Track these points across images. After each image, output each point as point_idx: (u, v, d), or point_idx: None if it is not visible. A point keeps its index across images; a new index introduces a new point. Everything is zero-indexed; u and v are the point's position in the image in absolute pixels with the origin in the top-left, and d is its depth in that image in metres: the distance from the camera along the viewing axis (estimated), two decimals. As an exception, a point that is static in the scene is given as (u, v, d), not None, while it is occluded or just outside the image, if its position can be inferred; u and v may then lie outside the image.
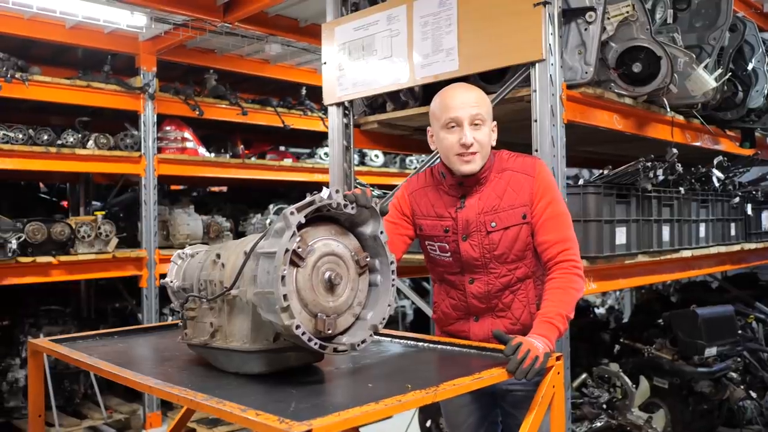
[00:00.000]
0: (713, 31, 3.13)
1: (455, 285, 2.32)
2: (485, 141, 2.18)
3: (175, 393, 1.62)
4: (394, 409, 1.49)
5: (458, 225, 2.25)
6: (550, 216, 2.19)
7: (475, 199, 2.24)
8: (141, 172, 5.03)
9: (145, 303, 5.05)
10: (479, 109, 2.17)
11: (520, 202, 2.20)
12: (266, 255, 1.74)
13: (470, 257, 2.24)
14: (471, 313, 2.31)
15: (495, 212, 2.21)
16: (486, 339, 2.26)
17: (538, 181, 2.20)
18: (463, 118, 2.15)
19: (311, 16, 4.78)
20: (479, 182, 2.23)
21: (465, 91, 2.23)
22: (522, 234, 2.20)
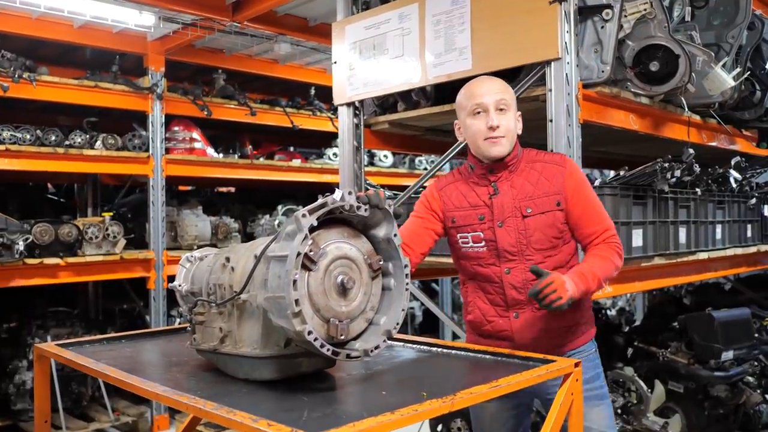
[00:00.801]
0: (731, 29, 3.06)
1: (490, 278, 2.31)
2: (511, 126, 2.24)
3: (183, 401, 1.58)
4: (410, 419, 1.44)
5: (493, 211, 2.27)
6: (589, 207, 2.26)
7: (507, 186, 2.28)
8: (149, 172, 5.01)
9: (153, 305, 5.02)
10: (503, 95, 2.25)
11: (553, 189, 2.25)
12: (277, 258, 1.69)
13: (506, 243, 2.26)
14: (510, 306, 2.29)
15: (530, 198, 2.25)
16: (531, 336, 2.27)
17: (569, 170, 2.27)
18: (488, 103, 2.22)
19: (321, 15, 4.74)
20: (508, 168, 2.28)
21: (489, 80, 2.34)
22: (556, 220, 2.25)
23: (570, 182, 2.25)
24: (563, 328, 2.30)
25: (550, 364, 1.89)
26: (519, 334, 2.29)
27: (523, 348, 2.22)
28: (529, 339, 2.28)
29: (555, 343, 2.29)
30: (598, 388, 2.35)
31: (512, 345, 2.28)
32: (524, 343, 2.27)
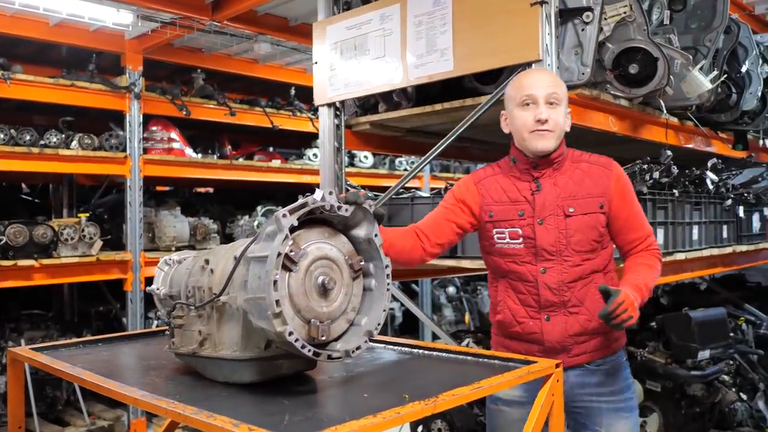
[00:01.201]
0: (709, 33, 3.10)
1: (525, 277, 2.24)
2: (560, 121, 2.19)
3: (162, 406, 1.55)
4: (393, 422, 1.43)
5: (535, 208, 2.22)
6: (633, 213, 2.25)
7: (550, 183, 2.22)
8: (126, 173, 4.94)
9: (130, 307, 4.95)
10: (555, 89, 2.19)
11: (597, 192, 2.21)
12: (257, 259, 1.68)
13: (545, 242, 2.20)
14: (542, 308, 2.23)
15: (573, 198, 2.20)
16: (561, 341, 2.22)
17: (615, 174, 2.23)
18: (538, 95, 2.16)
19: (301, 15, 4.72)
20: (553, 165, 2.23)
21: (541, 73, 2.31)
22: (598, 223, 2.20)
23: (616, 186, 2.22)
24: (594, 336, 2.25)
25: (531, 365, 1.89)
26: (549, 336, 2.23)
27: (552, 352, 2.21)
28: (559, 343, 2.23)
29: (584, 349, 2.25)
30: (627, 400, 2.31)
31: (542, 348, 2.25)
32: (554, 347, 2.23)
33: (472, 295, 8.32)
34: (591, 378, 2.27)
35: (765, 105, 3.89)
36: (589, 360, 2.26)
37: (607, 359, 2.29)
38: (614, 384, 2.29)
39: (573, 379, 2.26)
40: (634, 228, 2.24)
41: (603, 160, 2.28)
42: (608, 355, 2.29)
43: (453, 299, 8.16)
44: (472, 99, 2.90)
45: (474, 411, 3.39)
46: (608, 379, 2.28)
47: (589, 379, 2.27)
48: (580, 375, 2.27)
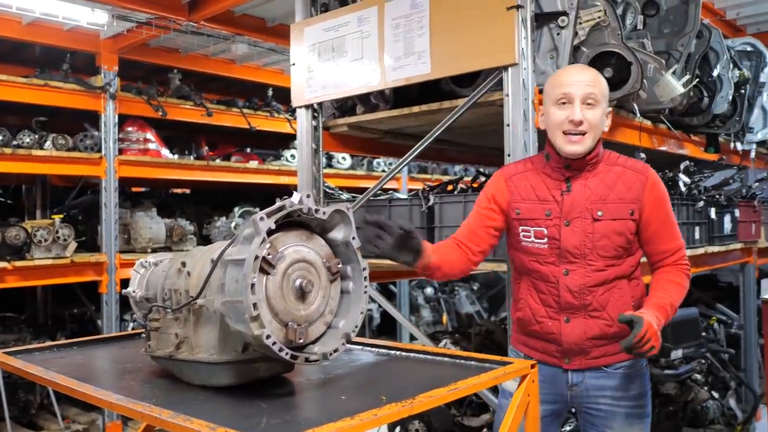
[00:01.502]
0: (681, 38, 3.15)
1: (546, 277, 2.21)
2: (596, 122, 2.12)
3: (138, 410, 1.54)
4: (370, 424, 1.43)
5: (562, 209, 2.17)
6: (666, 223, 2.19)
7: (581, 185, 2.17)
8: (101, 174, 4.89)
9: (105, 309, 4.90)
10: (594, 88, 2.13)
11: (630, 198, 2.15)
12: (234, 262, 1.68)
13: (570, 245, 2.16)
14: (562, 309, 2.20)
15: (603, 202, 2.15)
16: (579, 343, 2.20)
17: (651, 181, 2.17)
18: (575, 94, 2.11)
19: (279, 15, 4.71)
20: (587, 167, 2.18)
21: (581, 70, 2.22)
22: (626, 230, 2.15)
23: (650, 194, 2.16)
24: (614, 339, 2.19)
25: (507, 365, 1.91)
26: (567, 338, 2.20)
27: (569, 354, 2.22)
28: (577, 345, 2.21)
29: (603, 352, 2.22)
30: (643, 407, 2.29)
31: (560, 349, 2.23)
32: (571, 348, 2.21)
33: (450, 295, 8.36)
34: (609, 381, 2.24)
35: (736, 109, 3.98)
36: (608, 363, 2.23)
37: (627, 363, 2.25)
38: (632, 389, 2.26)
39: (590, 381, 2.24)
40: (665, 239, 2.19)
41: (639, 165, 2.23)
42: (626, 360, 2.24)
43: (431, 300, 8.19)
44: (449, 101, 2.92)
45: (451, 411, 3.42)
46: (626, 384, 2.25)
47: (607, 382, 2.24)
48: (597, 377, 2.24)
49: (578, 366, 2.23)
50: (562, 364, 2.25)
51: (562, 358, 2.24)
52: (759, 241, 5.05)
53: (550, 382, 2.25)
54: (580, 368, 2.23)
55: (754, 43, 4.40)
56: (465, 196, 3.08)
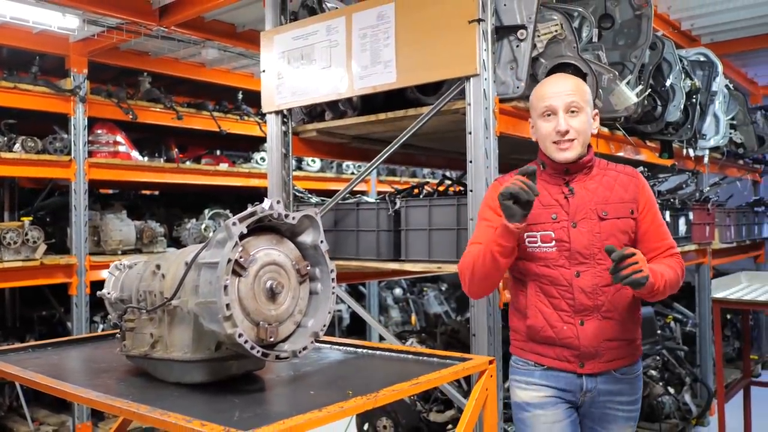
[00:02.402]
0: (635, 50, 3.31)
1: (558, 281, 2.21)
2: (582, 128, 2.20)
3: (116, 405, 1.62)
4: (336, 416, 1.54)
5: (569, 211, 2.22)
6: (656, 223, 2.27)
7: (581, 187, 2.24)
8: (71, 176, 4.89)
9: (75, 311, 4.90)
10: (575, 96, 2.19)
11: (628, 197, 2.25)
12: (208, 265, 1.77)
13: (580, 245, 2.19)
14: (576, 312, 2.20)
15: (606, 203, 2.23)
16: (595, 345, 2.20)
17: (642, 184, 2.29)
18: (557, 106, 2.19)
19: (249, 21, 4.78)
20: (584, 170, 2.26)
21: (561, 81, 2.28)
22: (629, 228, 2.23)
23: (642, 195, 2.26)
24: (625, 342, 2.26)
25: (467, 362, 2.02)
26: (585, 341, 2.20)
27: (585, 357, 2.21)
28: (594, 348, 2.21)
29: (615, 355, 2.24)
30: (637, 410, 2.34)
31: (576, 353, 2.22)
32: (588, 351, 2.21)
33: (419, 296, 8.49)
34: (615, 386, 2.27)
35: (687, 117, 4.17)
36: (617, 367, 2.25)
37: (630, 368, 2.30)
38: (633, 394, 2.31)
39: (600, 386, 2.26)
40: (656, 236, 2.26)
41: (629, 169, 2.33)
42: (632, 364, 2.30)
43: (400, 300, 8.30)
44: (414, 109, 3.03)
45: (417, 408, 3.53)
46: (628, 388, 2.29)
47: (613, 387, 2.27)
48: (606, 382, 2.26)
49: (591, 370, 2.23)
50: (576, 369, 2.24)
51: (577, 362, 2.23)
52: (713, 243, 5.27)
53: (563, 388, 2.27)
54: (593, 372, 2.24)
55: (707, 54, 4.61)
56: (430, 200, 3.20)
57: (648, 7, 3.32)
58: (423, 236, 3.15)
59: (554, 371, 2.27)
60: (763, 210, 6.68)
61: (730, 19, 5.21)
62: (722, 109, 4.81)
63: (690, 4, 4.81)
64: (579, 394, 2.27)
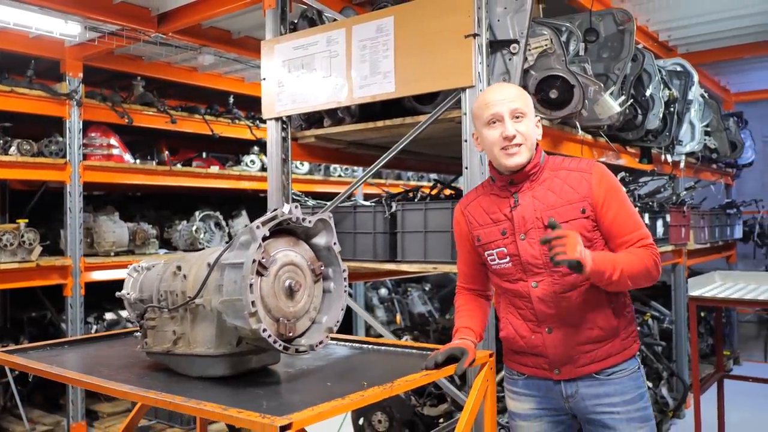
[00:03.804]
0: (618, 62, 3.50)
1: (519, 294, 2.22)
2: (528, 133, 2.17)
3: (151, 396, 1.75)
4: (359, 403, 1.68)
5: (515, 224, 2.20)
6: (621, 214, 2.15)
7: (528, 196, 2.20)
8: (66, 179, 4.96)
9: (70, 312, 4.97)
10: (517, 103, 2.17)
11: (578, 197, 2.16)
12: (232, 266, 1.90)
13: (530, 256, 2.17)
14: (541, 321, 2.19)
15: (553, 208, 2.16)
16: (565, 352, 2.18)
17: (596, 177, 2.16)
18: (503, 112, 2.15)
19: (244, 28, 4.89)
20: (530, 178, 2.20)
21: (502, 88, 2.25)
22: (582, 228, 2.14)
23: (598, 189, 2.15)
24: (597, 341, 2.18)
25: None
26: (552, 350, 2.19)
27: (558, 364, 2.19)
28: (564, 355, 2.19)
29: (591, 358, 2.19)
30: (641, 409, 2.21)
31: (547, 360, 2.21)
32: (559, 358, 2.19)
33: (403, 296, 8.64)
34: (603, 388, 2.20)
35: (666, 124, 4.38)
36: (598, 369, 2.19)
37: (618, 368, 2.21)
38: (626, 393, 2.20)
39: (584, 390, 2.21)
40: (623, 228, 2.15)
41: (583, 164, 2.23)
42: (618, 364, 2.21)
43: (385, 300, 8.45)
44: (411, 117, 3.18)
45: (412, 402, 3.68)
46: (620, 389, 2.20)
47: (601, 390, 2.20)
48: (590, 386, 2.21)
49: (568, 376, 2.20)
50: (552, 376, 2.22)
51: (551, 369, 2.22)
52: (688, 244, 5.49)
53: (544, 396, 2.27)
54: (571, 378, 2.21)
55: (683, 64, 4.83)
56: (425, 204, 3.35)
57: (630, 22, 3.51)
58: (419, 238, 3.31)
59: (534, 379, 2.27)
60: (735, 212, 6.94)
61: (704, 31, 5.45)
62: (697, 116, 5.04)
63: (667, 17, 5.03)
64: (561, 401, 2.24)
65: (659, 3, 4.68)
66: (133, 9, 4.32)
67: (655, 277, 2.15)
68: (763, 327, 7.96)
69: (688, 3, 4.71)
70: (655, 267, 2.13)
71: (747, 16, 5.11)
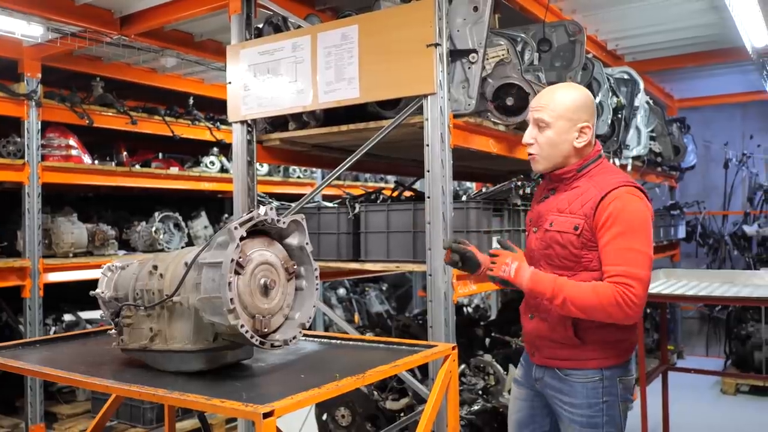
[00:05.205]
0: (570, 71, 3.69)
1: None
2: (544, 144, 2.31)
3: (134, 389, 1.83)
4: (334, 392, 1.79)
5: (534, 216, 2.46)
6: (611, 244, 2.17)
7: (555, 197, 2.38)
8: (24, 179, 4.91)
9: (29, 314, 4.92)
10: (541, 113, 2.30)
11: (580, 213, 2.24)
12: (211, 265, 1.99)
13: (531, 249, 2.43)
14: (529, 307, 2.47)
15: (559, 213, 2.31)
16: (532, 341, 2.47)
17: (607, 201, 2.19)
18: (529, 120, 2.38)
19: (206, 31, 4.93)
20: (563, 182, 2.36)
21: (541, 95, 2.39)
22: (570, 244, 2.25)
23: (601, 212, 2.19)
24: (559, 345, 2.36)
25: (433, 348, 2.32)
26: (528, 335, 2.48)
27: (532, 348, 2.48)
28: (532, 343, 2.47)
29: (552, 354, 2.40)
30: (586, 417, 2.32)
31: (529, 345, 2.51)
32: (534, 344, 2.46)
33: (361, 296, 8.77)
34: (562, 385, 2.38)
35: (614, 130, 4.61)
36: (560, 366, 2.38)
37: (576, 372, 2.34)
38: (576, 397, 2.33)
39: (547, 379, 2.43)
40: (607, 258, 2.18)
41: (606, 183, 2.24)
42: (579, 369, 2.33)
43: (343, 300, 8.56)
44: (375, 122, 3.30)
45: (375, 397, 3.80)
46: (572, 391, 2.34)
47: (560, 386, 2.38)
48: (553, 378, 2.41)
49: (538, 361, 2.46)
50: (531, 356, 2.52)
51: (530, 350, 2.52)
52: (635, 243, 5.74)
53: (526, 369, 2.56)
54: (540, 364, 2.46)
55: (630, 72, 5.08)
56: (388, 205, 3.48)
57: (581, 33, 3.71)
58: (382, 238, 3.44)
59: (525, 354, 2.59)
60: (678, 213, 7.28)
61: (650, 41, 5.74)
62: (643, 122, 5.31)
63: (615, 27, 5.29)
64: (533, 381, 2.50)
65: (608, 14, 4.92)
66: (96, 11, 4.32)
67: (614, 315, 2.13)
68: (704, 323, 8.36)
69: (634, 14, 4.95)
70: (615, 306, 2.10)
71: (689, 28, 5.41)
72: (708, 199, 8.29)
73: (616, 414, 2.32)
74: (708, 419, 5.72)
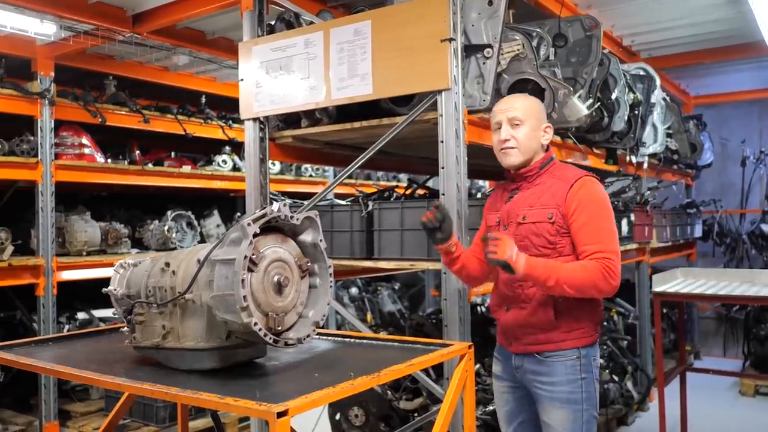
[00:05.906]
0: (586, 67, 3.64)
1: (497, 275, 2.63)
2: (522, 138, 2.54)
3: (147, 388, 1.80)
4: (349, 391, 1.76)
5: (502, 216, 2.61)
6: (586, 225, 2.40)
7: (521, 195, 2.58)
8: (38, 178, 4.92)
9: (42, 312, 4.93)
10: (516, 112, 2.55)
11: (552, 203, 2.47)
12: (224, 262, 1.97)
13: None
14: (503, 301, 2.61)
15: (530, 208, 2.52)
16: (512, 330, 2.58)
17: (574, 188, 2.45)
18: (502, 120, 2.57)
19: (219, 29, 4.92)
20: (527, 179, 2.58)
21: (508, 99, 2.67)
22: (545, 232, 2.47)
23: (572, 198, 2.43)
24: (538, 328, 2.51)
25: (449, 347, 2.28)
26: (505, 325, 2.61)
27: (511, 338, 2.61)
28: (512, 332, 2.59)
29: (533, 340, 2.54)
30: (565, 393, 2.48)
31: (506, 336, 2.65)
32: (511, 333, 2.60)
33: (374, 295, 8.73)
34: (540, 367, 2.53)
35: (631, 127, 4.55)
36: (539, 351, 2.53)
37: (555, 353, 2.50)
38: (555, 375, 2.50)
39: (527, 365, 2.58)
40: (585, 239, 2.39)
41: (571, 174, 2.52)
42: (557, 350, 2.50)
43: (356, 299, 8.53)
44: (388, 119, 3.26)
45: (388, 397, 3.77)
46: (551, 371, 2.51)
47: (538, 368, 2.54)
48: (532, 363, 2.56)
49: (516, 350, 2.60)
50: (508, 346, 2.65)
51: (507, 341, 2.64)
52: (651, 242, 5.70)
53: (505, 362, 2.70)
54: (518, 352, 2.60)
55: (646, 68, 5.02)
56: (401, 203, 3.45)
57: (597, 28, 3.66)
58: (395, 236, 3.40)
59: (502, 348, 2.71)
60: (695, 212, 7.20)
61: (666, 37, 5.66)
62: (660, 119, 5.24)
63: (631, 22, 5.22)
64: (513, 370, 2.64)
65: (623, 9, 4.86)
66: (109, 8, 4.32)
67: (602, 289, 2.35)
68: (721, 323, 8.26)
69: (650, 10, 4.89)
70: (603, 279, 2.32)
71: (706, 23, 5.33)
72: (725, 198, 8.18)
73: (592, 390, 2.52)
74: (727, 421, 5.64)
